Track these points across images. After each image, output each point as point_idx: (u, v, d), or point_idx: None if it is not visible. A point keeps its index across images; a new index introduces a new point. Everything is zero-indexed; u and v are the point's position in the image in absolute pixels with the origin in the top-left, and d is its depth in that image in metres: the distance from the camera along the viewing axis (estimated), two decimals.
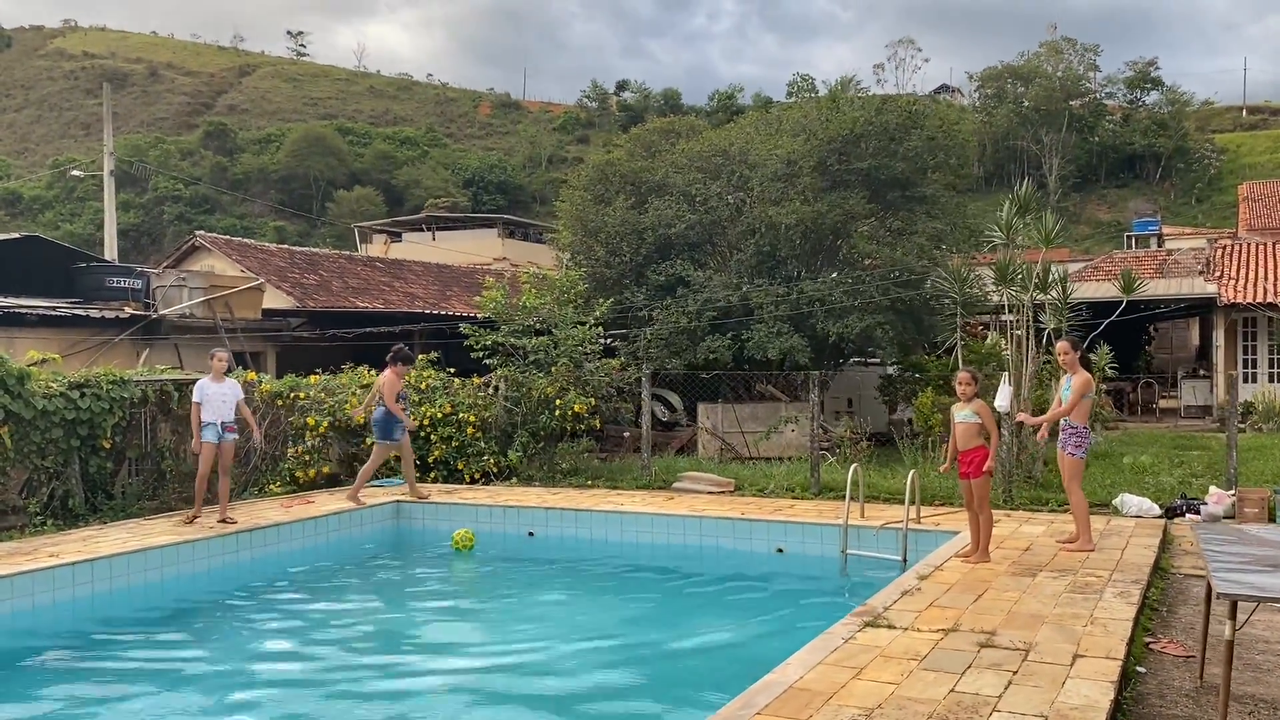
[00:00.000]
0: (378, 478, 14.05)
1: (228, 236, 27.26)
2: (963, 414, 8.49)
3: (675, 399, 19.87)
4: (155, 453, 13.11)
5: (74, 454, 11.85)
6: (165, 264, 23.27)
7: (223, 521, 10.74)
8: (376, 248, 46.55)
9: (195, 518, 10.84)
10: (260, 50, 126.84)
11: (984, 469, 8.40)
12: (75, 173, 49.22)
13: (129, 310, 17.48)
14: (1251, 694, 5.49)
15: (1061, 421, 8.95)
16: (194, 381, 13.32)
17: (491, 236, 46.84)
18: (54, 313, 16.25)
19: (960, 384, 8.60)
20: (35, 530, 10.84)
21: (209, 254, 23.17)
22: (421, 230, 49.49)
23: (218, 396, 10.91)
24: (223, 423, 10.91)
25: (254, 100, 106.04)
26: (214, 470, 10.94)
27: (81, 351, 16.12)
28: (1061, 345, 9.13)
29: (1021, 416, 9.70)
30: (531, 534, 11.58)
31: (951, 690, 5.24)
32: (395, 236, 49.24)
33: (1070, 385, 8.89)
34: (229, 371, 11.41)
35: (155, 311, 17.88)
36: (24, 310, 15.81)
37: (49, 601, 8.45)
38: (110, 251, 27.88)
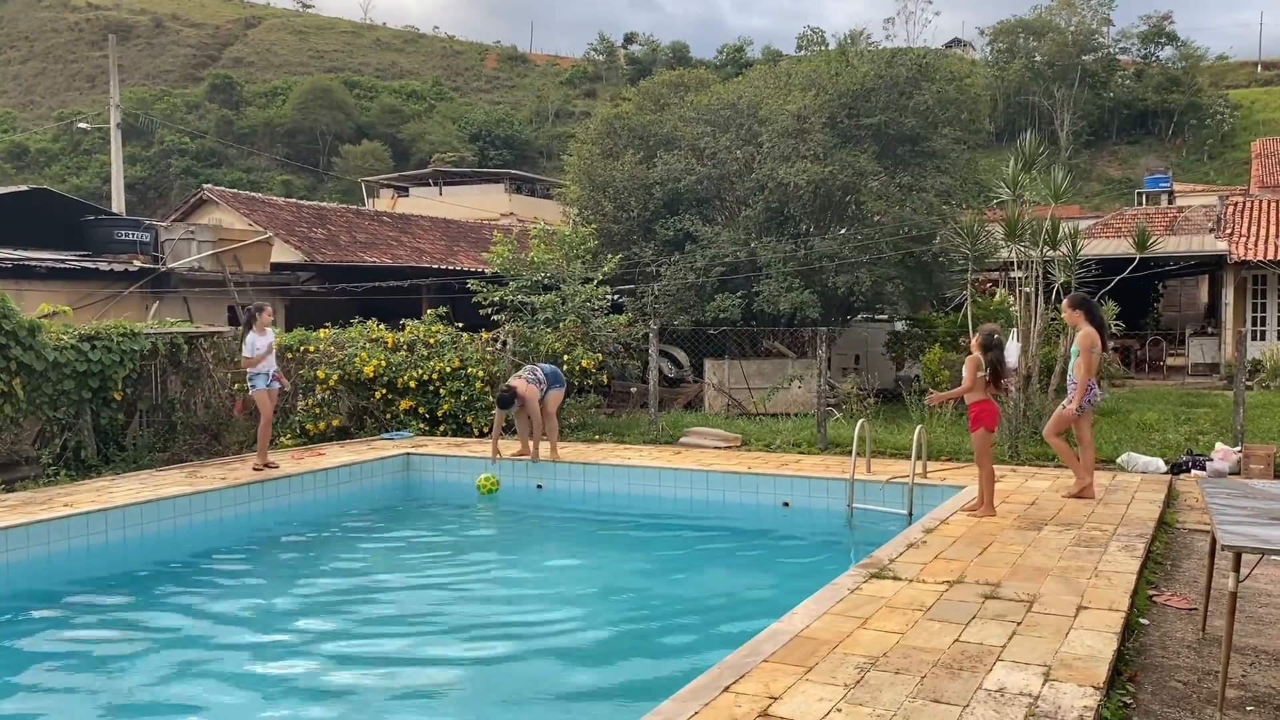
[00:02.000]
0: (387, 430, 14.16)
1: (235, 190, 27.20)
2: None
3: (682, 355, 19.91)
4: (166, 405, 13.19)
5: (86, 405, 11.93)
6: (173, 217, 23.27)
7: (267, 466, 11.19)
8: (384, 202, 46.44)
9: (267, 464, 11.21)
10: (265, 2, 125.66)
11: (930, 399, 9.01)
12: (81, 125, 49.00)
13: (138, 263, 17.50)
14: (1253, 645, 5.55)
15: (1068, 376, 9.03)
16: (204, 335, 13.47)
17: (498, 192, 46.69)
18: (63, 265, 16.28)
19: None
20: (49, 480, 10.94)
21: (216, 207, 23.15)
22: (428, 185, 49.31)
23: (265, 347, 11.19)
24: (270, 372, 11.23)
25: (259, 53, 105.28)
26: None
27: (91, 304, 16.17)
28: (1065, 302, 9.21)
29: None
30: (540, 486, 11.66)
31: (956, 640, 5.31)
32: (402, 191, 49.09)
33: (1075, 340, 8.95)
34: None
35: (164, 265, 17.91)
36: (33, 263, 15.85)
37: (64, 550, 8.57)
38: (118, 204, 27.88)
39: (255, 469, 11.10)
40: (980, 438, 8.47)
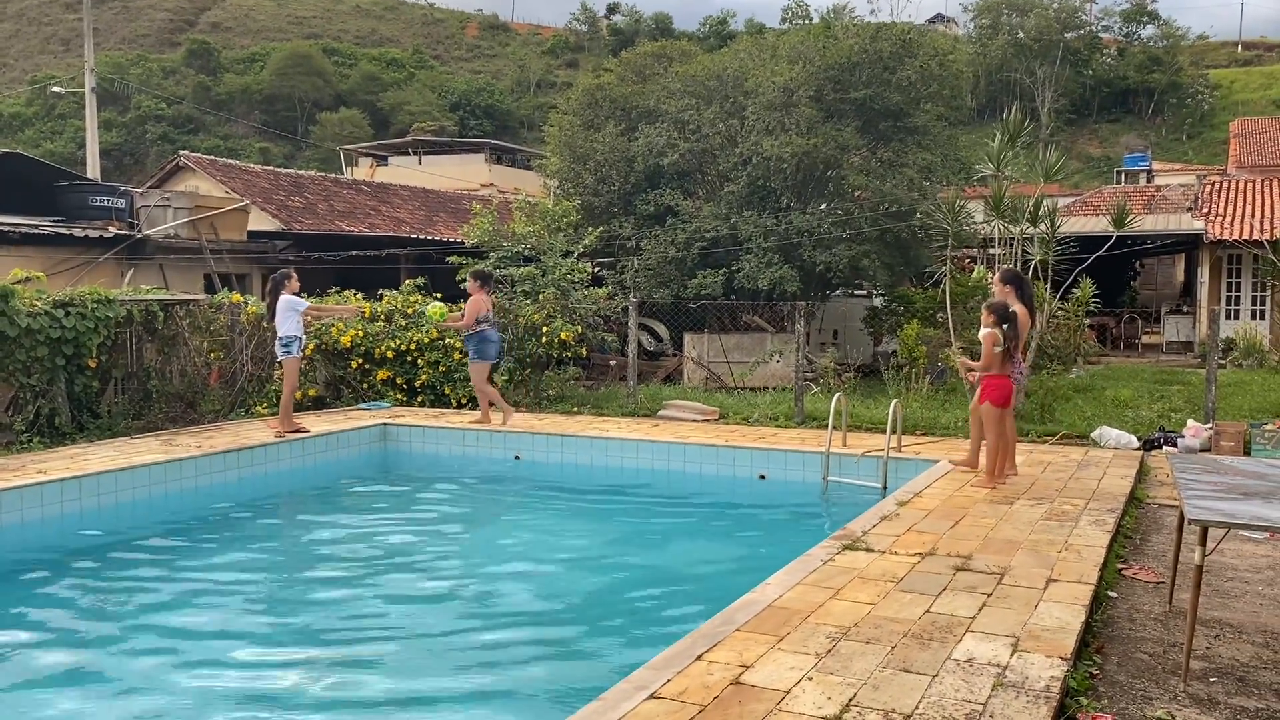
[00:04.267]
0: (363, 400, 14.12)
1: (212, 157, 26.92)
2: None
3: (661, 329, 19.92)
4: (141, 372, 13.11)
5: (59, 372, 11.84)
6: (149, 184, 23.03)
7: (296, 431, 11.36)
8: (362, 171, 46.09)
9: (297, 428, 11.40)
10: None
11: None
12: (56, 90, 48.29)
13: (113, 230, 17.33)
14: (1218, 618, 5.64)
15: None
16: (179, 302, 13.39)
17: (478, 162, 46.39)
18: (37, 231, 16.10)
19: None
20: (22, 447, 10.88)
21: (193, 174, 22.92)
22: (407, 154, 48.94)
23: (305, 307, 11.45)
24: (301, 338, 11.45)
25: (237, 18, 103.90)
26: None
27: (65, 270, 16.02)
28: (996, 277, 9.25)
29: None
30: (518, 457, 11.67)
31: (927, 611, 5.37)
32: (381, 160, 48.70)
33: None
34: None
35: (139, 231, 17.73)
36: (6, 228, 15.66)
37: (38, 517, 8.52)
38: (93, 170, 27.53)
39: (280, 435, 11.20)
40: (986, 411, 8.49)
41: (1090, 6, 74.86)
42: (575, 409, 14.02)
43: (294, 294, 11.43)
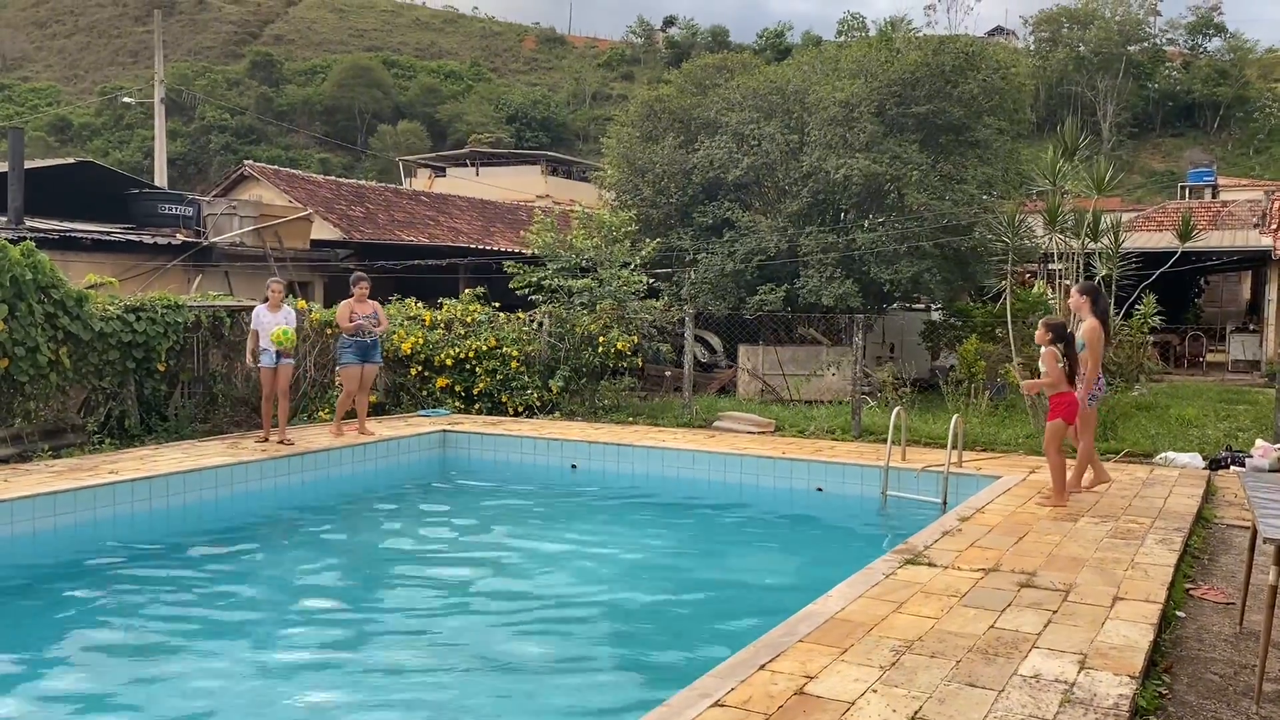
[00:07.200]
0: (423, 407, 14.28)
1: (275, 167, 27.42)
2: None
3: (715, 340, 19.91)
4: (207, 377, 13.37)
5: (130, 375, 12.12)
6: (214, 193, 23.53)
7: (281, 442, 11.19)
8: (421, 182, 46.65)
9: (266, 439, 11.35)
10: None
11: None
12: (126, 100, 49.48)
13: (181, 237, 17.73)
14: None
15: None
16: (245, 309, 13.61)
17: (534, 174, 46.79)
18: (108, 238, 16.51)
19: None
20: (94, 448, 11.14)
21: (257, 183, 23.36)
22: (465, 165, 49.52)
23: (272, 324, 11.23)
24: (278, 349, 11.24)
25: (300, 31, 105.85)
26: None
27: (135, 276, 16.40)
28: (1074, 288, 9.13)
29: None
30: (574, 466, 11.74)
31: (991, 626, 5.33)
32: (439, 171, 49.30)
33: (1079, 332, 8.81)
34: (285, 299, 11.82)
35: (206, 239, 18.12)
36: (79, 234, 16.08)
37: (109, 516, 8.74)
38: (160, 179, 28.20)
39: (259, 439, 11.32)
40: (1054, 428, 8.37)
41: (1154, 19, 73.77)
42: (630, 419, 14.07)
43: (274, 309, 11.32)
